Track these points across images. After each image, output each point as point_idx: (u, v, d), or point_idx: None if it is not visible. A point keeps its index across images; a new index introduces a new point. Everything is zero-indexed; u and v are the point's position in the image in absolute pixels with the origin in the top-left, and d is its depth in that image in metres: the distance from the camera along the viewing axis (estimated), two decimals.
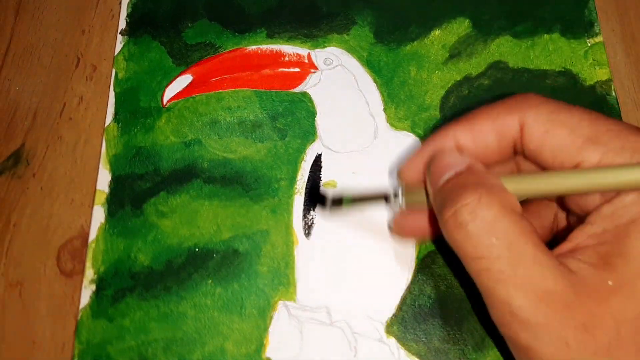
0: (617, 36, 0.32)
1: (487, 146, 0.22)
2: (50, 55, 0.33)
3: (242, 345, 0.26)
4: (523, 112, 0.21)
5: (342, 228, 0.28)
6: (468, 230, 0.20)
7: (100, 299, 0.27)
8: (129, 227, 0.29)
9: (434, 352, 0.26)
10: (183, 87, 0.31)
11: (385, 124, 0.30)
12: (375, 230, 0.28)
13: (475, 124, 0.22)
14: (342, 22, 0.33)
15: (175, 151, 0.30)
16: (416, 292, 0.27)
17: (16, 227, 0.29)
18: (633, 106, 0.30)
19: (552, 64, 0.31)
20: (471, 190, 0.20)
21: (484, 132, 0.22)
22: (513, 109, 0.22)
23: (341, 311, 0.27)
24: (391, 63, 0.31)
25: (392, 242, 0.28)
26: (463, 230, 0.20)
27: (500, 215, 0.19)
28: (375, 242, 0.28)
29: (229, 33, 0.33)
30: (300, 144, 0.30)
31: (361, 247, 0.28)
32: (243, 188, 0.29)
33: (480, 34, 0.32)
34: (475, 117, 0.23)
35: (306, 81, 0.31)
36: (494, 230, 0.19)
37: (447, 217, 0.20)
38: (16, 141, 0.31)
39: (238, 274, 0.28)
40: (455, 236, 0.20)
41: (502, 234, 0.19)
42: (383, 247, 0.28)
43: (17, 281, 0.28)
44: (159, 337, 0.27)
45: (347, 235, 0.28)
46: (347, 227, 0.28)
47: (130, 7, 0.34)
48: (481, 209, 0.19)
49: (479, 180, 0.21)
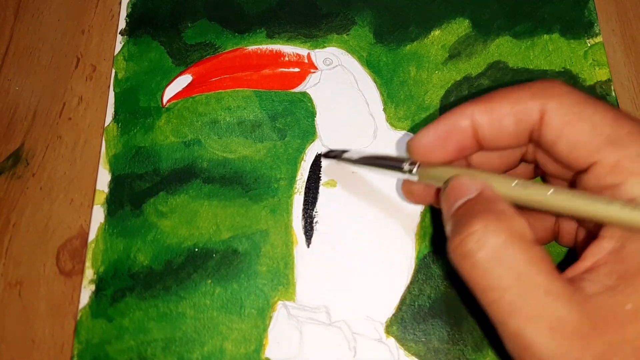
0: (616, 36, 0.32)
1: (503, 129, 0.22)
2: (50, 55, 0.33)
3: (242, 345, 0.26)
4: (546, 100, 0.20)
5: (342, 228, 0.28)
6: (475, 260, 0.19)
7: (100, 299, 0.27)
8: (129, 227, 0.29)
9: (433, 352, 0.26)
10: (183, 87, 0.31)
11: (385, 124, 0.30)
12: (375, 230, 0.28)
13: (495, 105, 0.21)
14: (342, 22, 0.33)
15: (175, 151, 0.30)
16: (415, 292, 0.27)
17: (16, 227, 0.29)
18: (633, 106, 0.30)
19: (552, 64, 0.31)
20: (478, 218, 0.19)
21: (502, 114, 0.21)
22: (536, 95, 0.21)
23: (340, 311, 0.27)
24: (391, 63, 0.31)
25: (391, 243, 0.28)
26: (470, 260, 0.19)
27: (509, 243, 0.19)
28: (375, 242, 0.28)
29: (228, 33, 0.33)
30: (300, 144, 0.30)
31: (361, 247, 0.28)
32: (242, 188, 0.29)
33: (480, 34, 0.32)
34: (495, 97, 0.22)
35: (306, 81, 0.31)
36: (502, 260, 0.18)
37: (454, 246, 0.20)
38: (16, 141, 0.31)
39: (237, 274, 0.28)
40: (463, 266, 0.19)
41: (510, 263, 0.18)
42: (382, 247, 0.28)
43: (16, 281, 0.28)
44: (158, 337, 0.27)
45: (347, 236, 0.28)
46: (347, 227, 0.28)
47: (130, 7, 0.34)
48: (488, 237, 0.19)
49: (488, 207, 0.20)
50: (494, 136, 0.22)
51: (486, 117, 0.22)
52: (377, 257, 0.27)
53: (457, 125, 0.22)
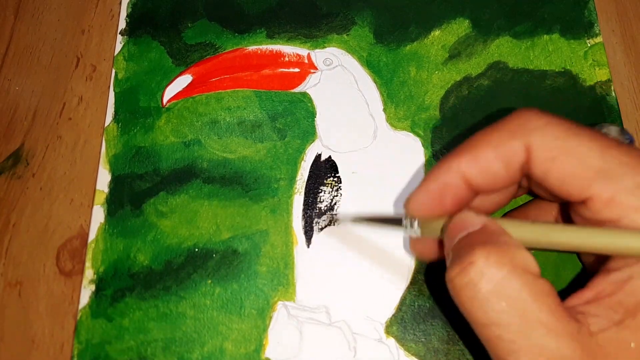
0: (616, 36, 0.32)
1: (494, 175, 0.21)
2: (50, 55, 0.33)
3: (242, 345, 0.26)
4: (527, 136, 0.20)
5: (342, 228, 0.28)
6: (475, 292, 0.18)
7: (100, 299, 0.27)
8: (129, 227, 0.29)
9: (433, 353, 0.26)
10: (183, 87, 0.31)
11: (385, 124, 0.30)
12: (375, 230, 0.28)
13: (479, 154, 0.21)
14: (342, 22, 0.33)
15: (175, 151, 0.30)
16: (415, 293, 0.27)
17: (16, 227, 0.29)
18: (633, 106, 0.30)
19: (552, 65, 0.31)
20: (480, 248, 0.18)
21: (489, 161, 0.21)
22: (516, 133, 0.20)
23: (340, 311, 0.27)
24: (391, 63, 0.31)
25: (391, 243, 0.28)
26: (470, 292, 0.18)
27: (511, 276, 0.18)
28: (375, 242, 0.28)
29: (228, 33, 0.33)
30: (300, 144, 0.30)
31: (361, 248, 0.28)
32: (242, 188, 0.29)
33: (480, 34, 0.32)
34: (477, 145, 0.21)
35: (306, 81, 0.31)
36: (503, 294, 0.18)
37: (452, 275, 0.19)
38: (15, 141, 0.31)
39: (237, 274, 0.28)
40: (462, 298, 0.18)
41: (512, 298, 0.17)
42: (383, 247, 0.28)
43: (16, 281, 0.28)
44: (158, 337, 0.27)
45: (347, 236, 0.28)
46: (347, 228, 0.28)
47: (130, 7, 0.34)
48: (489, 269, 0.18)
49: (491, 238, 0.19)
50: (487, 183, 0.21)
51: (474, 167, 0.21)
52: (377, 257, 0.27)
53: (448, 183, 0.21)
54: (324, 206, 0.28)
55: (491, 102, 0.30)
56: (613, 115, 0.29)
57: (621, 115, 0.29)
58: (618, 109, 0.29)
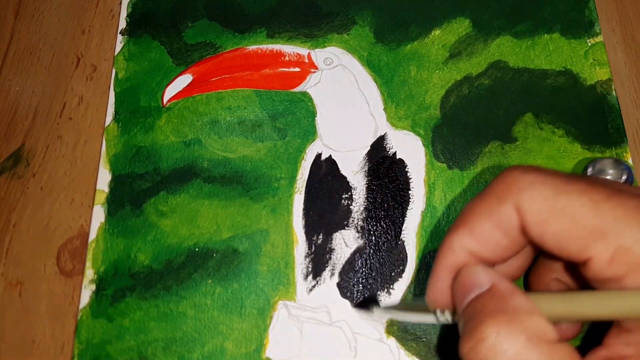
0: (617, 36, 0.32)
1: (497, 244, 0.20)
2: (50, 55, 0.33)
3: (242, 345, 0.26)
4: (516, 199, 0.19)
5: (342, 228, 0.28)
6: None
7: (100, 299, 0.27)
8: (129, 227, 0.29)
9: (433, 352, 0.26)
10: (183, 86, 0.31)
11: (386, 124, 0.30)
12: (375, 230, 0.28)
13: (474, 227, 0.20)
14: (342, 21, 0.33)
15: (175, 151, 0.30)
16: (416, 292, 0.27)
17: (16, 227, 0.29)
18: (633, 106, 0.30)
19: (553, 64, 0.31)
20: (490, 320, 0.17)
21: (485, 232, 0.20)
22: (504, 198, 0.19)
23: (341, 311, 0.27)
24: (391, 63, 0.31)
25: (392, 243, 0.28)
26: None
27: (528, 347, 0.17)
28: (375, 242, 0.28)
29: (229, 33, 0.33)
30: (300, 143, 0.30)
31: (361, 247, 0.28)
32: (243, 187, 0.29)
33: (480, 33, 0.32)
34: (470, 217, 0.20)
35: (306, 81, 0.31)
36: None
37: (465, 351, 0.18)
38: (16, 141, 0.31)
39: (238, 273, 0.28)
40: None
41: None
42: (383, 247, 0.28)
43: (17, 281, 0.28)
44: (158, 336, 0.27)
45: (347, 235, 0.28)
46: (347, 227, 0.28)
47: (130, 7, 0.34)
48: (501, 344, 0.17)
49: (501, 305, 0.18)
50: (495, 253, 0.20)
51: (474, 242, 0.20)
52: (378, 257, 0.27)
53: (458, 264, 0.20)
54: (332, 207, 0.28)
55: (492, 102, 0.30)
56: (613, 115, 0.29)
57: (621, 114, 0.29)
58: (618, 108, 0.29)
